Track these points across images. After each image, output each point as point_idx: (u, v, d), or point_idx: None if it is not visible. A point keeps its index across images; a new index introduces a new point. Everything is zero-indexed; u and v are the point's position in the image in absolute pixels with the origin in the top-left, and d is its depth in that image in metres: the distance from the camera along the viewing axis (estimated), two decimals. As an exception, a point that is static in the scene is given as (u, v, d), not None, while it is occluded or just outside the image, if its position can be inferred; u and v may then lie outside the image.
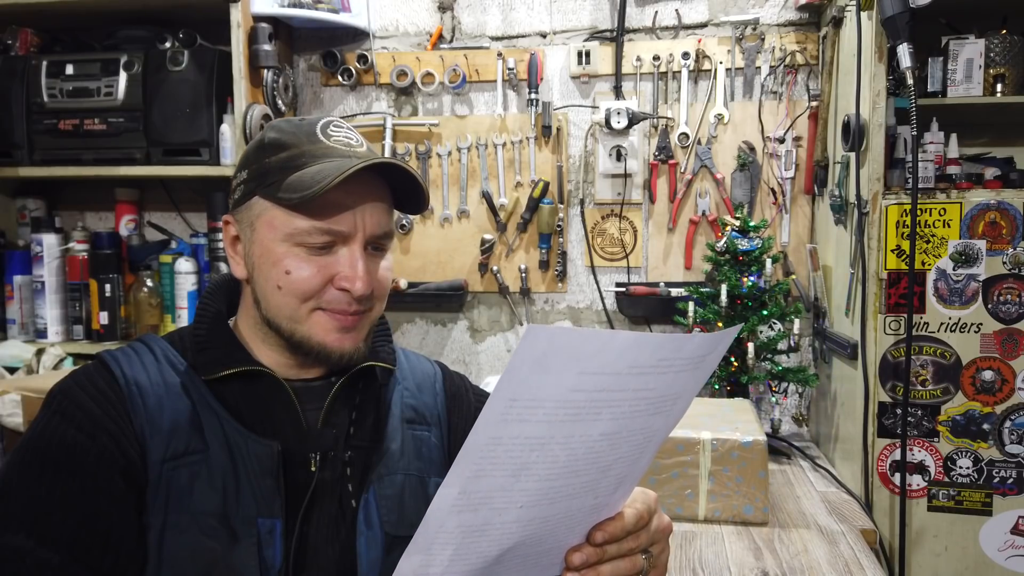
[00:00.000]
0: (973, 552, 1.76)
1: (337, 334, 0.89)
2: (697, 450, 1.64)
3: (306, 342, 0.89)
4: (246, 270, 0.91)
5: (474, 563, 0.69)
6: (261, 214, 0.88)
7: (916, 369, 1.76)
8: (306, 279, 0.86)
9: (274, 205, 0.87)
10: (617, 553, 0.75)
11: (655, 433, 0.70)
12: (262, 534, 0.84)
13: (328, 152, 0.88)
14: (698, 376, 0.67)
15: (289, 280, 0.87)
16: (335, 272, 0.87)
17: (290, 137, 0.89)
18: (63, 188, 2.63)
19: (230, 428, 0.86)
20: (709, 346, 0.65)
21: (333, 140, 0.90)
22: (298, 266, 0.86)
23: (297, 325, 0.88)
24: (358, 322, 0.90)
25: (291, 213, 0.86)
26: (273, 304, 0.89)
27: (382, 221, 0.91)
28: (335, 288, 0.87)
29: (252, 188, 0.89)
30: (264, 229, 0.88)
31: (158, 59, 2.25)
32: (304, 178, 0.84)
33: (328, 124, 0.91)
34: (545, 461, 0.63)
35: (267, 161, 0.88)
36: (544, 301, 2.49)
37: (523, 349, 0.56)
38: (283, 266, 0.87)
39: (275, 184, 0.86)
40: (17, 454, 0.82)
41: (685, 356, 0.64)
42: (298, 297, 0.87)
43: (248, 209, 0.90)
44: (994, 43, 1.80)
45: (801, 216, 2.31)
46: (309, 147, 0.88)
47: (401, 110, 2.51)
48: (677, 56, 2.32)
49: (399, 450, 0.96)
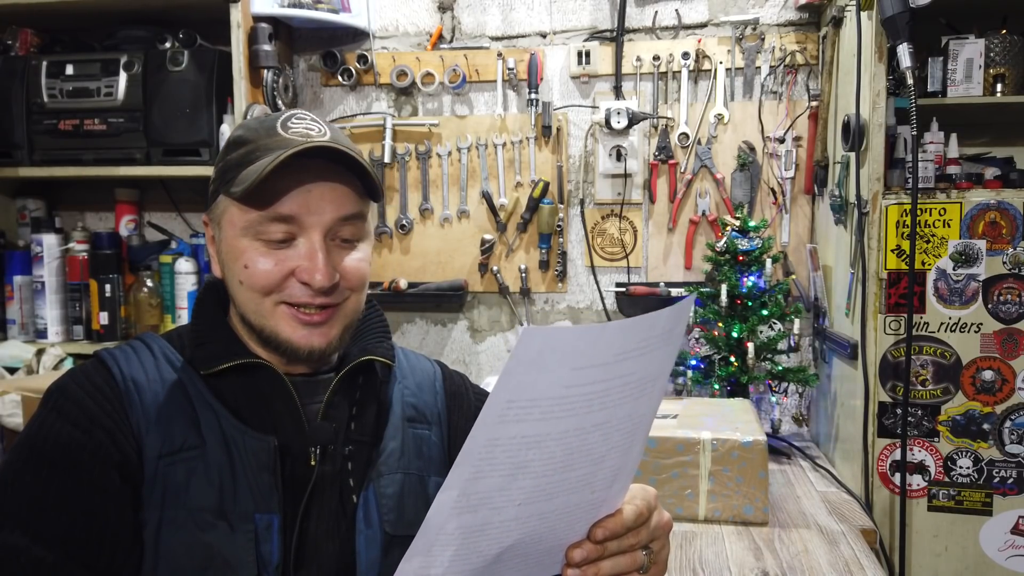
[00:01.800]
0: (973, 552, 1.76)
1: (304, 330, 0.88)
2: (697, 450, 1.64)
3: (274, 338, 0.88)
4: (220, 269, 0.92)
5: (475, 563, 0.69)
6: (224, 211, 0.89)
7: (916, 369, 1.76)
8: (264, 273, 0.86)
9: (231, 202, 0.87)
10: (617, 549, 0.75)
11: (641, 418, 0.70)
12: (259, 530, 0.83)
13: (283, 144, 0.86)
14: (669, 352, 0.68)
15: (248, 274, 0.87)
16: (295, 265, 0.86)
17: (251, 133, 0.89)
18: (63, 188, 2.63)
19: (227, 423, 0.86)
20: (675, 317, 0.66)
21: (291, 132, 0.88)
22: (256, 260, 0.86)
23: (264, 320, 0.88)
24: (328, 317, 0.89)
25: (245, 208, 0.86)
26: (239, 300, 0.89)
27: (341, 209, 0.88)
28: (297, 280, 0.87)
29: (216, 187, 0.90)
30: (227, 227, 0.88)
31: (158, 59, 2.25)
32: (251, 171, 0.84)
33: (290, 117, 0.90)
34: (542, 458, 0.64)
35: (228, 158, 0.89)
36: (544, 301, 2.48)
37: (518, 351, 0.57)
38: (243, 260, 0.87)
39: (231, 181, 0.87)
40: (13, 452, 0.82)
41: (659, 332, 0.65)
42: (258, 291, 0.87)
43: (215, 208, 0.91)
44: (994, 43, 1.80)
45: (801, 216, 2.31)
46: (265, 141, 0.87)
47: (401, 110, 2.51)
48: (677, 56, 2.32)
49: (399, 448, 0.96)
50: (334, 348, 0.91)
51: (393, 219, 2.49)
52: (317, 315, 0.88)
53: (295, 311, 0.88)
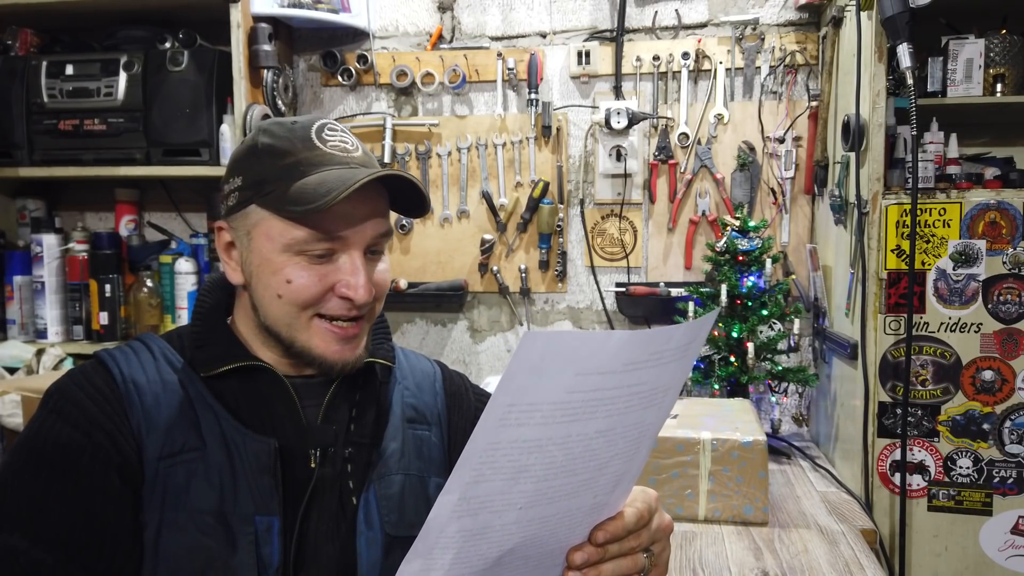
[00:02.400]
0: (973, 552, 1.76)
1: (338, 346, 0.88)
2: (697, 450, 1.64)
3: (307, 353, 0.88)
4: (243, 277, 0.90)
5: (475, 565, 0.69)
6: (258, 223, 0.87)
7: (916, 369, 1.76)
8: (306, 287, 0.86)
9: (272, 215, 0.85)
10: (618, 552, 0.75)
11: (649, 427, 0.70)
12: (259, 532, 0.83)
13: (326, 160, 0.86)
14: (684, 365, 0.68)
15: (290, 289, 0.86)
16: (336, 280, 0.86)
17: (285, 143, 0.87)
18: (63, 188, 2.63)
19: (227, 425, 0.86)
20: (694, 332, 0.66)
21: (329, 146, 0.88)
22: (299, 275, 0.85)
23: (297, 333, 0.88)
24: (359, 331, 0.90)
25: (290, 224, 0.85)
26: (272, 312, 0.88)
27: (380, 227, 0.89)
28: (336, 296, 0.87)
29: (248, 196, 0.87)
30: (262, 239, 0.86)
31: (158, 59, 2.25)
32: (306, 190, 0.83)
33: (323, 128, 0.89)
34: (543, 463, 0.64)
35: (263, 168, 0.87)
36: (544, 301, 2.48)
37: (519, 355, 0.56)
38: (284, 275, 0.85)
39: (273, 194, 0.85)
40: (13, 453, 0.82)
41: (674, 346, 0.64)
42: (298, 305, 0.86)
43: (244, 217, 0.88)
44: (994, 43, 1.80)
45: (801, 216, 2.31)
46: (306, 154, 0.86)
47: (401, 110, 2.51)
48: (677, 56, 2.32)
49: (400, 449, 0.96)
50: (362, 359, 0.92)
51: (393, 219, 2.48)
52: (352, 328, 0.89)
53: (330, 325, 0.88)
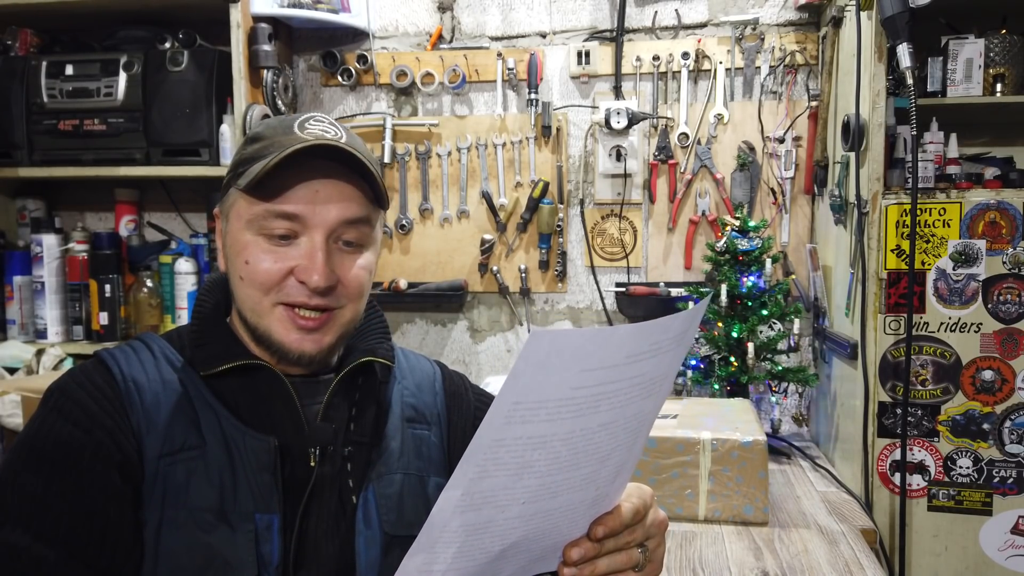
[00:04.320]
0: (973, 552, 1.76)
1: (296, 334, 0.88)
2: (697, 450, 1.64)
3: (267, 338, 0.89)
4: (225, 263, 0.93)
5: (478, 559, 0.69)
6: (233, 204, 0.89)
7: (916, 369, 1.76)
8: (265, 270, 0.86)
9: (240, 195, 0.87)
10: (614, 547, 0.76)
11: (647, 416, 0.71)
12: (259, 530, 0.83)
13: (296, 142, 0.86)
14: (679, 352, 0.69)
15: (248, 270, 0.87)
16: (295, 263, 0.86)
17: (268, 131, 0.90)
18: (63, 188, 2.62)
19: (227, 424, 0.86)
20: (689, 320, 0.67)
21: (307, 132, 0.88)
22: (257, 256, 0.86)
23: (260, 319, 0.88)
24: (323, 323, 0.88)
25: (251, 200, 0.86)
26: (239, 296, 0.89)
27: (347, 211, 0.87)
28: (295, 279, 0.86)
29: (228, 180, 0.91)
30: (234, 219, 0.89)
31: (158, 59, 2.25)
32: (259, 164, 0.85)
33: (308, 119, 0.90)
34: (547, 458, 0.64)
35: (243, 153, 0.90)
36: (544, 301, 2.48)
37: (526, 354, 0.57)
38: (244, 255, 0.87)
39: (241, 174, 0.87)
40: (14, 451, 0.82)
41: (672, 335, 0.65)
42: (258, 288, 0.87)
43: (225, 201, 0.91)
44: (994, 43, 1.80)
45: (801, 216, 2.31)
46: (280, 138, 0.87)
47: (401, 110, 2.51)
48: (677, 56, 2.32)
49: (399, 449, 0.96)
50: (325, 355, 0.91)
51: (393, 219, 2.49)
52: (312, 320, 0.88)
53: (291, 313, 0.87)
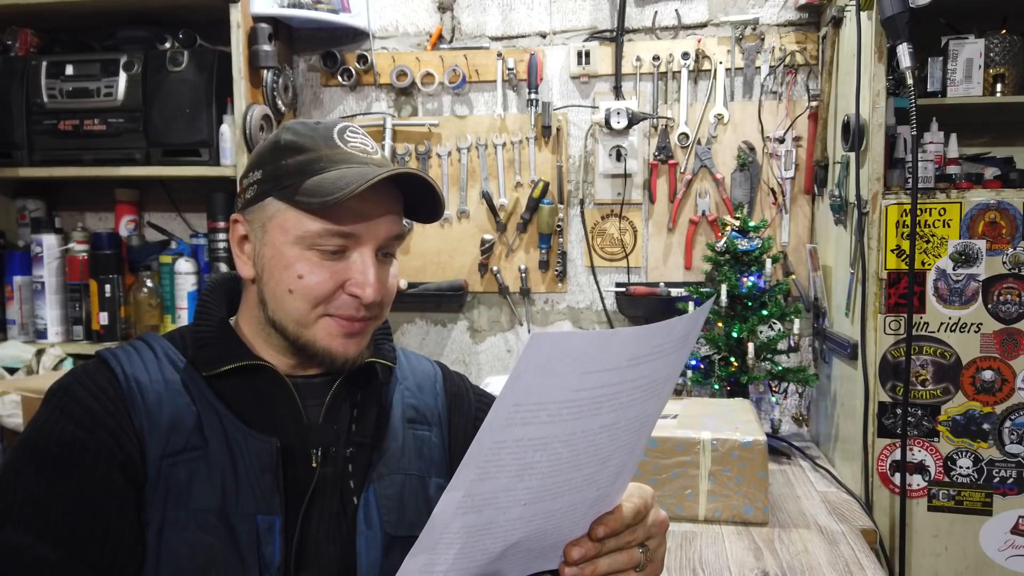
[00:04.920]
0: (973, 552, 1.76)
1: (342, 339, 0.89)
2: (697, 450, 1.64)
3: (311, 346, 0.89)
4: (254, 271, 0.91)
5: (479, 560, 0.70)
6: (274, 216, 0.88)
7: (916, 369, 1.76)
8: (318, 284, 0.86)
9: (289, 207, 0.87)
10: (615, 547, 0.76)
11: (649, 417, 0.71)
12: (261, 531, 0.84)
13: (346, 158, 0.88)
14: (682, 355, 0.69)
15: (301, 284, 0.87)
16: (347, 277, 0.87)
17: (307, 140, 0.89)
18: (63, 188, 2.63)
19: (229, 425, 0.86)
20: (692, 323, 0.67)
21: (350, 146, 0.90)
22: (311, 271, 0.86)
23: (303, 329, 0.88)
24: (364, 328, 0.91)
25: (306, 216, 0.86)
26: (282, 307, 0.88)
27: (393, 228, 0.91)
28: (346, 293, 0.88)
29: (267, 189, 0.89)
30: (276, 231, 0.88)
31: (158, 59, 2.25)
32: (324, 183, 0.85)
33: (345, 129, 0.92)
34: (548, 459, 0.64)
35: (284, 163, 0.88)
36: (544, 301, 2.48)
37: (527, 356, 0.57)
38: (295, 270, 0.86)
39: (292, 187, 0.86)
40: (16, 451, 0.82)
41: (675, 338, 0.65)
42: (309, 302, 0.87)
43: (261, 210, 0.89)
44: (994, 43, 1.81)
45: (801, 216, 2.31)
46: (327, 152, 0.88)
47: (401, 110, 2.51)
48: (677, 56, 2.32)
49: (400, 449, 0.96)
50: (363, 357, 0.93)
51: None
52: (358, 324, 0.89)
53: (337, 322, 0.88)
